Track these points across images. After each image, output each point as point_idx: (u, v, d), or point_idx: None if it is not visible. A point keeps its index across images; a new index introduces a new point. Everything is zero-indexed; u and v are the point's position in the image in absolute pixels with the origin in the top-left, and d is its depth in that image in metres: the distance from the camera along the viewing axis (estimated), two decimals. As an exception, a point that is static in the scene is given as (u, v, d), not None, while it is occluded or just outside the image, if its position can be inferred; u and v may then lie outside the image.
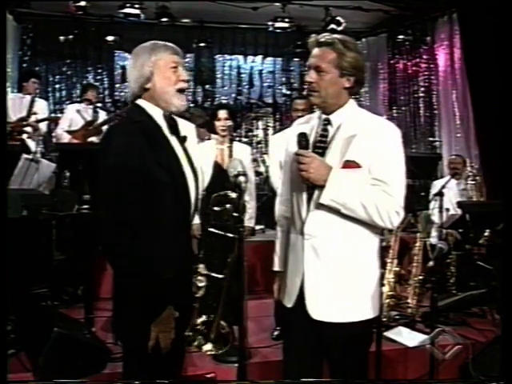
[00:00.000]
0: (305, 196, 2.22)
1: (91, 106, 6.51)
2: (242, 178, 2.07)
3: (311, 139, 2.25)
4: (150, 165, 2.07)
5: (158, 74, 2.15)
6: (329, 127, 2.25)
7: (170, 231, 2.09)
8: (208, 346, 2.14)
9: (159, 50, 2.17)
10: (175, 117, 2.26)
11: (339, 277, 2.19)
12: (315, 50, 2.22)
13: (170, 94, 2.16)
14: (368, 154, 2.15)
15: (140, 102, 2.19)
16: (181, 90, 2.18)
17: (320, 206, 2.17)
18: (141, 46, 2.22)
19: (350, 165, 2.16)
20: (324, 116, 2.26)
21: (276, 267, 2.44)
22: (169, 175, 2.09)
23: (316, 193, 2.18)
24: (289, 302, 2.29)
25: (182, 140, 2.27)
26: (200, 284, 2.12)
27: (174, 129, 2.23)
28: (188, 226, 2.22)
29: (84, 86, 7.35)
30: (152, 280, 2.04)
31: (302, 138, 2.19)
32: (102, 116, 6.58)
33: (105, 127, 6.39)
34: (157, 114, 2.19)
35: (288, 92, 9.34)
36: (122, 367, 2.28)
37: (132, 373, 2.19)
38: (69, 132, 6.33)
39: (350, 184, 2.13)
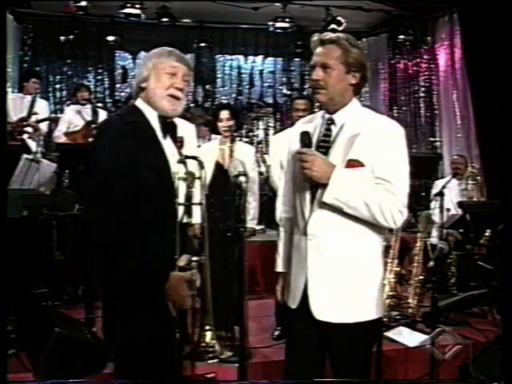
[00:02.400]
0: (308, 196, 2.22)
1: (88, 106, 6.50)
2: (242, 178, 2.08)
3: (314, 138, 2.24)
4: (137, 166, 2.08)
5: (153, 75, 2.19)
6: (332, 126, 2.24)
7: (158, 230, 2.10)
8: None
9: (163, 55, 2.21)
10: (175, 120, 2.26)
11: (343, 277, 2.19)
12: (319, 49, 2.21)
13: (160, 97, 2.19)
14: (371, 152, 2.15)
15: (138, 102, 2.23)
16: (172, 96, 2.19)
17: (323, 206, 2.17)
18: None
19: (353, 164, 2.15)
20: (327, 115, 2.26)
21: (279, 268, 2.44)
22: (156, 177, 2.10)
23: (319, 192, 2.17)
24: (293, 303, 2.28)
25: (179, 143, 2.29)
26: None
27: (170, 131, 2.24)
28: (176, 225, 2.17)
29: (75, 87, 7.37)
30: (144, 279, 2.05)
31: (305, 137, 2.19)
32: (103, 116, 6.58)
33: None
34: (152, 116, 2.21)
35: (288, 92, 9.33)
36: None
37: (125, 372, 2.20)
38: (68, 134, 6.34)
39: (354, 183, 2.12)
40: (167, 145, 2.22)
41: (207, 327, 2.05)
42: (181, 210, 2.17)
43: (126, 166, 2.07)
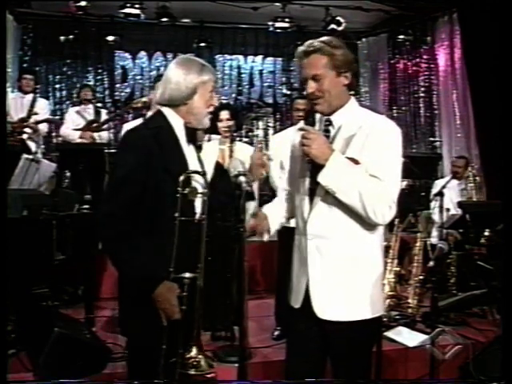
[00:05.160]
0: (307, 196, 2.22)
1: (90, 106, 6.55)
2: (242, 178, 2.08)
3: None
4: (157, 170, 2.11)
5: (201, 93, 2.23)
6: (330, 128, 2.25)
7: (168, 237, 2.09)
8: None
9: (208, 72, 2.26)
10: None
11: (344, 276, 2.19)
12: (305, 61, 2.21)
13: (203, 115, 2.26)
14: (366, 150, 2.15)
15: (164, 109, 2.25)
16: (210, 112, 2.28)
17: (322, 206, 2.18)
18: (187, 58, 2.30)
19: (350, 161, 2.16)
20: (325, 117, 2.26)
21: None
22: (175, 183, 2.10)
23: (318, 192, 2.18)
24: (296, 303, 2.29)
25: (198, 148, 2.35)
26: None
27: (192, 138, 2.29)
28: (193, 236, 2.16)
29: (79, 86, 7.49)
30: (140, 282, 2.08)
31: (310, 116, 2.22)
32: (105, 116, 6.64)
33: (105, 126, 6.46)
34: (177, 123, 2.24)
35: (288, 92, 9.32)
36: (122, 367, 2.29)
37: (135, 370, 2.23)
38: (77, 130, 6.38)
39: (350, 170, 2.12)
40: (189, 152, 2.26)
41: (193, 343, 2.04)
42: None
43: (145, 170, 2.10)
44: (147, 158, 2.10)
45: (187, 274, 2.08)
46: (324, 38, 2.24)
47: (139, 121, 3.70)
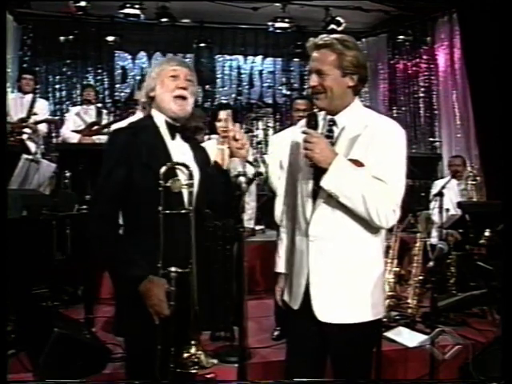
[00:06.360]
0: (310, 198, 2.21)
1: (91, 107, 6.57)
2: (242, 179, 2.07)
3: None
4: (140, 167, 2.15)
5: (159, 82, 2.28)
6: (334, 128, 2.24)
7: (156, 232, 2.09)
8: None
9: (163, 63, 2.35)
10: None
11: (345, 278, 2.18)
12: (314, 54, 2.20)
13: (167, 101, 2.26)
14: (370, 152, 2.14)
15: (152, 111, 2.32)
16: (178, 97, 2.26)
17: (325, 208, 2.17)
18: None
19: (353, 163, 2.14)
20: (329, 117, 2.25)
21: (278, 269, 2.43)
22: (157, 178, 2.11)
23: (321, 193, 2.17)
24: (295, 304, 2.28)
25: (193, 143, 2.39)
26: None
27: (181, 132, 2.32)
28: (181, 230, 2.15)
29: (81, 86, 7.51)
30: (127, 280, 2.09)
31: (312, 119, 2.20)
32: (105, 116, 6.67)
33: (106, 130, 6.47)
34: (160, 120, 2.28)
35: (288, 92, 9.33)
36: (122, 367, 2.30)
37: (134, 371, 2.24)
38: (77, 132, 6.38)
39: (354, 174, 2.10)
40: (177, 147, 2.28)
41: (192, 341, 2.04)
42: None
43: (127, 166, 2.14)
44: (128, 156, 2.15)
45: (173, 269, 2.07)
46: (338, 35, 2.22)
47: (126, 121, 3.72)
